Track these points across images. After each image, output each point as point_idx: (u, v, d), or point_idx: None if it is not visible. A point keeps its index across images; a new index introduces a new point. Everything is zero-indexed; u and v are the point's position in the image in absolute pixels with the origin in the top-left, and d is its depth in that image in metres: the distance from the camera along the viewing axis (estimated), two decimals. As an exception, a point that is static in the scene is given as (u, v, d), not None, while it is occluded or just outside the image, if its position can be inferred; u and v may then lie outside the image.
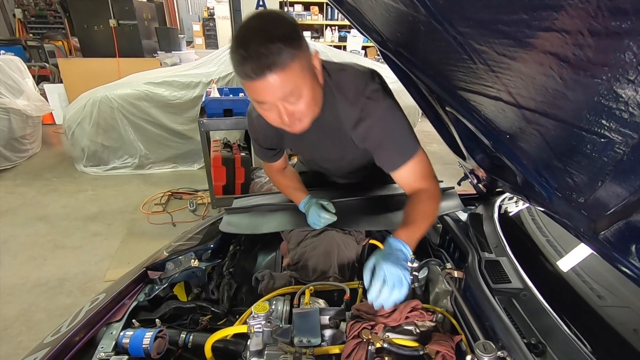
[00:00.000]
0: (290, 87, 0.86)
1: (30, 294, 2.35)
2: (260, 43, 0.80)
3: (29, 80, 4.42)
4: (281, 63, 0.82)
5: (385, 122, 1.03)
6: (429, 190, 1.07)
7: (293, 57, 0.83)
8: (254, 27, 0.84)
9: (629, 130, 0.46)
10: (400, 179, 1.10)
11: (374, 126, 1.03)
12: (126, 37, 5.38)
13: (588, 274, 1.07)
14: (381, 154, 1.08)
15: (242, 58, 0.81)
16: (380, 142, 1.05)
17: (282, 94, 0.87)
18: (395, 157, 1.06)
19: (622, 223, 0.58)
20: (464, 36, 0.64)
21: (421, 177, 1.08)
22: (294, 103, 0.90)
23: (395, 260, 0.89)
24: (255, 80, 0.83)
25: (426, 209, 1.05)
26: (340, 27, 7.80)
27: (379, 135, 1.04)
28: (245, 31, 0.84)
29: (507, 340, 0.78)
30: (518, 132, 0.72)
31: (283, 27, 0.84)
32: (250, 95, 0.91)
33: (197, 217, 3.29)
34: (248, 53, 0.80)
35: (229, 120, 2.92)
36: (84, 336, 0.93)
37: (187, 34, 8.98)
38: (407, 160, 1.05)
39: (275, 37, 0.81)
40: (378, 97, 1.03)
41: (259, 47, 0.80)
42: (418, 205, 1.05)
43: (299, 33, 0.88)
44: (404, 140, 1.05)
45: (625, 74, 0.41)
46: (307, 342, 0.87)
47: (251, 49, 0.80)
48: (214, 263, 1.25)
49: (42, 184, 3.79)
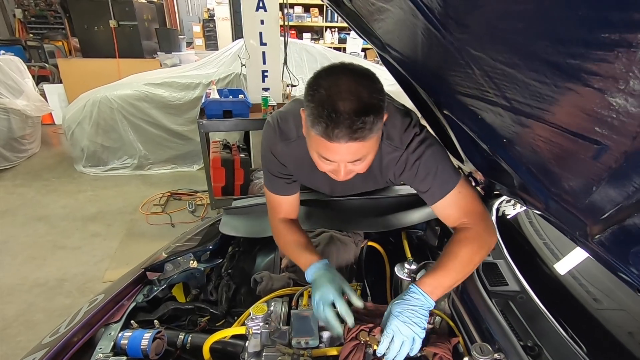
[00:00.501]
0: (363, 154, 0.86)
1: (30, 294, 2.35)
2: (356, 112, 0.76)
3: (28, 81, 4.42)
4: (368, 136, 0.80)
5: (427, 157, 0.99)
6: (472, 230, 0.96)
7: (378, 129, 0.82)
8: (347, 87, 0.78)
9: (621, 137, 0.47)
10: (442, 212, 1.03)
11: (416, 160, 0.99)
12: (126, 38, 5.39)
13: (585, 277, 1.08)
14: (420, 186, 1.02)
15: (331, 120, 0.77)
16: (420, 175, 1.00)
17: (353, 159, 0.85)
18: (436, 189, 1.00)
19: (617, 227, 0.58)
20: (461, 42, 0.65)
21: (464, 212, 0.99)
22: (357, 165, 0.88)
23: (410, 316, 0.84)
24: (334, 143, 0.80)
25: (464, 253, 0.92)
26: (340, 29, 7.82)
27: (421, 169, 1.00)
28: (337, 89, 0.78)
29: (503, 342, 0.78)
30: (515, 137, 0.73)
31: (377, 93, 0.81)
32: (315, 148, 0.87)
33: (196, 218, 3.30)
34: (339, 118, 0.76)
35: (228, 122, 2.93)
36: (83, 337, 0.94)
37: (187, 35, 8.99)
38: (447, 192, 0.99)
39: (371, 107, 0.78)
40: (422, 135, 1.00)
41: (354, 116, 0.76)
42: (454, 247, 0.94)
43: (384, 96, 0.84)
44: (444, 173, 0.99)
45: (616, 83, 0.43)
46: (305, 343, 0.87)
47: (345, 115, 0.76)
48: (212, 264, 1.26)
49: (42, 184, 3.79)
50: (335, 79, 0.80)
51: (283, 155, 1.07)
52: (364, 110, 0.77)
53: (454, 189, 0.99)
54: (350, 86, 0.79)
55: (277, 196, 1.14)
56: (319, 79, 0.82)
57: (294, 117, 1.02)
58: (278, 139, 1.05)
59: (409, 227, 1.36)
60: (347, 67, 0.84)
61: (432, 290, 0.87)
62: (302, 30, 7.69)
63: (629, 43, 0.39)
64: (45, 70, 5.81)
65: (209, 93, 3.04)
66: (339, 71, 0.82)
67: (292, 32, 7.19)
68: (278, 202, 1.15)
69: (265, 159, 1.11)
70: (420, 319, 0.84)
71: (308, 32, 7.75)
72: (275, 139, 1.05)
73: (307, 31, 7.78)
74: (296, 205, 1.17)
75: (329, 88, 0.79)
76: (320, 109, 0.78)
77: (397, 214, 1.36)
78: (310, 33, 7.82)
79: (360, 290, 1.13)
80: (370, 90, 0.80)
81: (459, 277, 0.91)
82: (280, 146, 1.05)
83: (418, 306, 0.85)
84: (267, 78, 3.33)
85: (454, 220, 1.01)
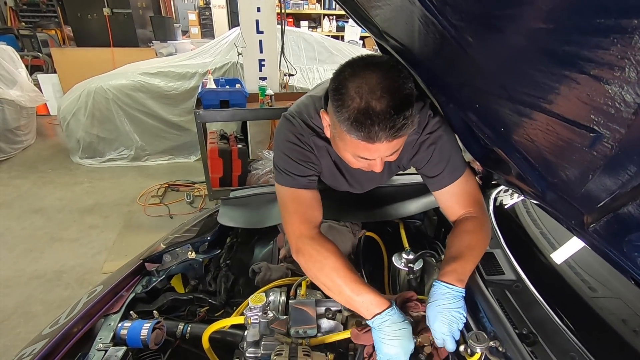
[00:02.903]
0: (399, 147, 0.84)
1: (28, 287, 2.35)
2: (395, 109, 0.73)
3: (22, 71, 4.35)
4: (410, 129, 0.78)
5: (442, 141, 0.98)
6: (476, 219, 0.97)
7: (414, 122, 0.78)
8: (378, 85, 0.74)
9: (616, 125, 0.47)
10: (446, 200, 1.02)
11: (431, 145, 0.98)
12: (120, 26, 5.29)
13: (580, 266, 1.09)
14: (430, 171, 1.01)
15: (372, 123, 0.73)
16: (433, 160, 0.99)
17: (392, 152, 0.83)
18: (445, 175, 0.99)
19: (612, 216, 0.59)
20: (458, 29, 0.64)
21: (467, 201, 0.99)
22: (393, 155, 0.86)
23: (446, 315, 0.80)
24: (376, 144, 0.77)
25: (474, 241, 0.92)
26: (338, 17, 7.71)
27: (435, 154, 0.98)
28: (369, 89, 0.74)
29: (499, 330, 0.79)
30: (512, 126, 0.73)
31: (407, 81, 0.77)
32: (352, 150, 0.83)
33: (194, 209, 3.29)
34: (380, 119, 0.73)
35: (225, 112, 2.90)
36: (83, 327, 0.94)
37: (183, 23, 8.85)
38: (455, 178, 0.99)
39: (406, 100, 0.74)
40: (436, 118, 0.98)
41: (395, 115, 0.73)
42: (463, 236, 0.94)
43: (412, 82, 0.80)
44: (455, 160, 0.99)
45: (611, 70, 0.42)
46: (303, 332, 0.88)
47: (385, 115, 0.73)
48: (211, 255, 1.26)
49: (38, 176, 3.77)
50: (363, 79, 0.75)
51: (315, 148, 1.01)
52: (401, 106, 0.74)
53: (462, 177, 0.99)
54: (381, 83, 0.74)
55: (301, 192, 0.97)
56: (346, 82, 0.77)
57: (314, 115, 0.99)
58: (307, 132, 0.99)
59: (407, 217, 1.36)
60: (369, 61, 0.79)
61: (457, 278, 0.84)
62: (299, 18, 7.59)
63: (624, 29, 0.39)
64: (39, 59, 5.71)
65: (205, 83, 3.00)
66: (363, 68, 0.77)
67: (290, 19, 7.10)
68: (301, 200, 0.97)
69: (289, 149, 0.98)
70: (457, 311, 0.81)
71: (305, 20, 7.65)
72: (303, 131, 0.99)
73: (305, 19, 7.68)
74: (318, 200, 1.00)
75: (359, 90, 0.75)
76: (357, 114, 0.74)
77: (395, 204, 1.36)
78: (308, 21, 7.71)
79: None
80: (401, 81, 0.76)
81: (474, 265, 0.91)
82: (311, 139, 0.99)
83: (451, 301, 0.82)
84: (264, 67, 3.29)
85: (458, 209, 1.00)
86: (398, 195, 1.38)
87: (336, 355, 0.86)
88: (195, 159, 4.16)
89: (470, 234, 0.94)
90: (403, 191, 1.38)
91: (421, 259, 1.09)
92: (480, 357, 0.76)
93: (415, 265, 1.06)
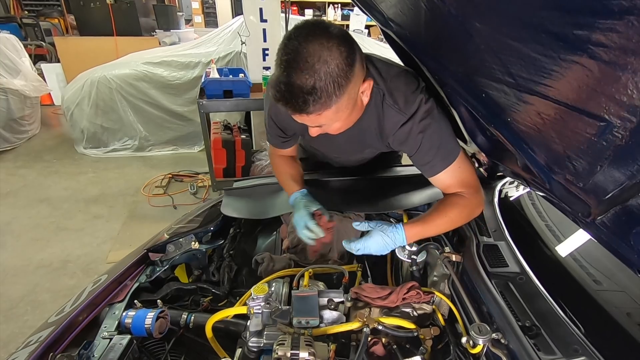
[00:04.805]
0: (322, 122, 0.86)
1: (35, 275, 2.39)
2: (300, 89, 0.76)
3: (25, 60, 4.35)
4: (317, 111, 0.80)
5: (432, 130, 0.98)
6: (466, 199, 1.01)
7: (334, 102, 0.80)
8: (303, 57, 0.75)
9: (628, 113, 0.45)
10: (440, 184, 1.05)
11: (419, 133, 0.97)
12: (123, 15, 5.24)
13: (586, 259, 1.08)
14: (421, 159, 1.02)
15: (276, 91, 0.79)
16: (423, 148, 0.99)
17: (313, 125, 0.90)
18: (437, 163, 1.00)
19: (619, 208, 0.57)
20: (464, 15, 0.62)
21: (460, 184, 1.02)
22: (325, 128, 0.92)
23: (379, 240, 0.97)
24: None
25: (453, 215, 0.99)
26: (344, 5, 7.60)
27: (424, 142, 0.98)
28: (294, 57, 0.76)
29: (502, 322, 0.79)
30: (519, 115, 0.71)
31: (336, 59, 0.76)
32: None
33: (197, 200, 3.31)
34: (280, 91, 0.78)
35: (229, 102, 2.89)
36: (88, 316, 0.95)
37: (186, 11, 8.75)
38: (447, 165, 1.00)
39: (320, 86, 0.76)
40: (428, 104, 0.97)
41: (297, 92, 0.76)
42: (446, 207, 1.00)
43: (351, 61, 0.80)
44: (446, 146, 1.00)
45: (624, 55, 0.40)
46: (305, 323, 0.88)
47: (287, 89, 0.77)
48: (214, 245, 1.26)
49: (43, 166, 3.80)
50: (298, 44, 0.76)
51: (282, 120, 1.13)
52: (312, 90, 0.76)
53: (454, 162, 1.00)
54: (307, 56, 0.75)
55: (279, 150, 1.28)
56: (290, 39, 0.78)
57: None
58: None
59: (411, 209, 1.35)
60: (315, 28, 0.78)
61: (411, 236, 0.98)
62: (303, 6, 7.49)
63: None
64: (42, 49, 5.70)
65: (208, 72, 2.98)
66: (305, 33, 0.77)
67: (294, 8, 7.00)
68: (277, 149, 1.29)
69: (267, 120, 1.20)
70: (386, 245, 0.97)
71: (310, 9, 7.55)
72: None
73: (309, 7, 7.57)
74: (295, 150, 1.31)
75: (281, 57, 0.78)
76: (272, 83, 0.80)
77: (399, 196, 1.36)
78: (313, 9, 7.61)
79: (361, 272, 1.13)
80: (332, 62, 0.76)
81: (439, 233, 1.04)
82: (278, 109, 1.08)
83: (391, 239, 0.97)
84: (267, 56, 3.25)
85: (450, 191, 1.04)
86: (402, 187, 1.37)
87: (338, 345, 0.87)
88: (199, 149, 4.16)
89: (452, 206, 1.00)
90: (407, 183, 1.37)
91: (424, 251, 1.08)
92: (482, 349, 0.76)
93: (418, 257, 1.06)
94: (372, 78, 0.94)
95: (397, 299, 0.92)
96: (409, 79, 1.00)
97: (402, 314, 0.92)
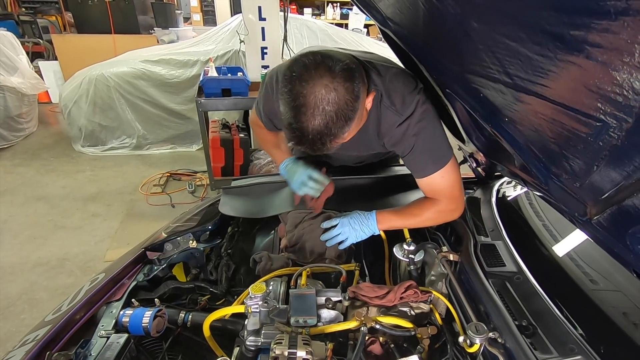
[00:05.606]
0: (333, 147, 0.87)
1: (32, 273, 2.38)
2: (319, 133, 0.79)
3: (23, 57, 4.33)
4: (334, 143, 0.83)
5: (426, 133, 0.99)
6: (443, 205, 1.06)
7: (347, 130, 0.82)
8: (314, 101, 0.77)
9: (623, 114, 0.46)
10: (426, 187, 1.08)
11: (414, 135, 0.99)
12: (121, 13, 5.22)
13: (583, 259, 1.08)
14: (413, 160, 1.04)
15: (296, 137, 0.81)
16: (415, 151, 1.01)
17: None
18: (427, 165, 1.02)
19: (615, 208, 0.58)
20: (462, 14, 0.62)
21: (446, 188, 1.05)
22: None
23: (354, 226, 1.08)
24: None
25: (426, 217, 1.08)
26: (342, 4, 7.59)
27: (417, 144, 1.00)
28: (305, 101, 0.77)
29: (498, 322, 0.79)
30: (516, 115, 0.71)
31: (349, 99, 0.79)
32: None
33: (196, 199, 3.30)
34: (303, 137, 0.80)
35: (227, 101, 2.88)
36: (85, 314, 0.95)
37: (185, 9, 8.71)
38: (438, 169, 1.02)
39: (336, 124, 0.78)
40: (424, 106, 0.99)
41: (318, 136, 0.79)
42: (422, 208, 1.08)
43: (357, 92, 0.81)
44: (439, 151, 1.01)
45: (620, 56, 0.41)
46: (303, 322, 0.88)
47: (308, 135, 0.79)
48: (212, 244, 1.26)
49: (41, 164, 3.78)
50: (303, 89, 0.77)
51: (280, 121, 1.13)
52: (327, 132, 0.79)
53: (445, 167, 1.02)
54: (315, 101, 0.77)
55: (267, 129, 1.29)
56: (292, 81, 0.79)
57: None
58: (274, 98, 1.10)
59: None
60: (318, 68, 0.78)
61: (383, 226, 1.09)
62: (302, 5, 7.48)
63: (636, 11, 0.37)
64: (40, 46, 5.67)
65: (207, 71, 2.97)
66: (308, 77, 0.78)
67: (293, 6, 6.99)
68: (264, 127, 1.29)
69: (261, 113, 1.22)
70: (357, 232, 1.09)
71: (309, 7, 7.54)
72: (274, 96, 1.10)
73: (308, 6, 7.57)
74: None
75: (297, 99, 0.78)
76: (289, 124, 0.81)
77: (397, 195, 1.36)
78: (311, 8, 7.60)
79: (358, 271, 1.14)
80: (340, 100, 0.78)
81: (407, 228, 1.14)
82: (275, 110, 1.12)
83: (366, 227, 1.08)
84: (266, 55, 3.24)
85: (435, 195, 1.08)
86: (400, 186, 1.37)
87: (336, 344, 0.87)
88: (197, 148, 4.16)
89: (427, 209, 1.08)
90: (405, 182, 1.37)
91: (422, 250, 1.08)
92: (479, 348, 0.76)
93: (416, 257, 1.06)
94: (372, 82, 0.96)
95: (395, 298, 0.92)
96: (407, 80, 1.01)
97: (399, 313, 0.92)
